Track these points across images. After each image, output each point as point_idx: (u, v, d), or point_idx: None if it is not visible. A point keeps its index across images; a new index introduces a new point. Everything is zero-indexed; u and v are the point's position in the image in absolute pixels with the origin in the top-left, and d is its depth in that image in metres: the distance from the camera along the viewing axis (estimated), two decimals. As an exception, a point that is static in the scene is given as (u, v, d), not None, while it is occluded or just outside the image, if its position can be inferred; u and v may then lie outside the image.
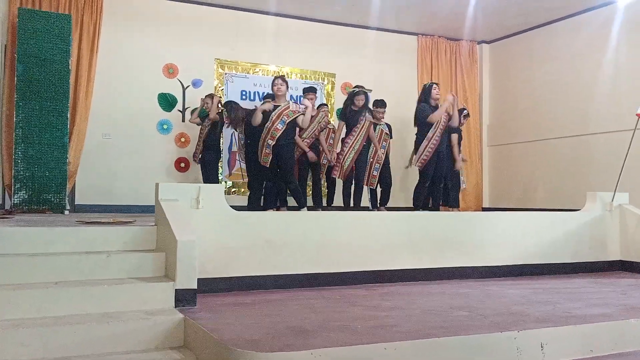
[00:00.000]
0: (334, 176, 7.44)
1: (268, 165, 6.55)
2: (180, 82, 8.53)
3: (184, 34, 8.51)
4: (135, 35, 8.27)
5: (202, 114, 7.82)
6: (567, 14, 8.86)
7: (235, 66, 8.87)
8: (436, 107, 7.10)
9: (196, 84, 8.58)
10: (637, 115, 6.11)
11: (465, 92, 10.18)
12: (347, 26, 9.49)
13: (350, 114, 7.25)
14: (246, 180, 7.64)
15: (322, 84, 9.37)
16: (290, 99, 6.86)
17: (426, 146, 6.96)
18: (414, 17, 9.27)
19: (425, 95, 7.23)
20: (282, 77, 6.88)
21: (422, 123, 7.07)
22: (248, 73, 8.93)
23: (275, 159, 6.53)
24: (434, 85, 7.27)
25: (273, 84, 6.73)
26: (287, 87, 6.79)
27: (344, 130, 7.37)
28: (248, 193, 7.43)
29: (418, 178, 7.22)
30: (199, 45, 8.59)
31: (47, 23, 7.03)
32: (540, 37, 9.46)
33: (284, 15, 9.02)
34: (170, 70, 8.48)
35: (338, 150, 7.44)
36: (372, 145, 7.43)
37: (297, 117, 6.57)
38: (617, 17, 8.17)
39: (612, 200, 6.20)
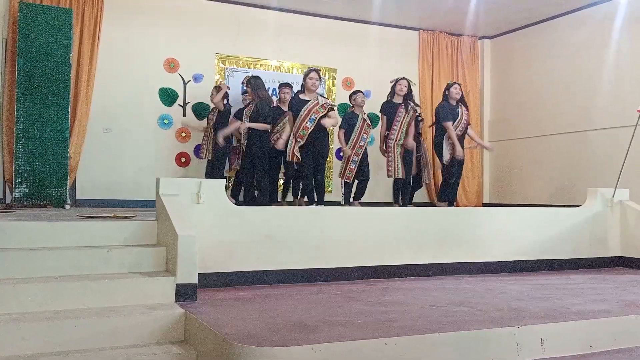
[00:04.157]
0: (389, 176, 7.28)
1: (294, 162, 6.61)
2: (181, 76, 8.52)
3: (185, 28, 8.50)
4: (136, 30, 8.25)
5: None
6: (569, 9, 8.83)
7: (236, 61, 8.86)
8: (456, 106, 7.23)
9: (197, 78, 8.58)
10: (638, 111, 6.09)
11: (466, 88, 10.16)
12: (348, 21, 9.47)
13: (389, 106, 7.18)
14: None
15: (324, 79, 9.36)
16: (321, 95, 6.86)
17: (447, 145, 7.20)
18: (416, 12, 9.25)
19: (445, 94, 7.44)
20: (318, 71, 6.75)
21: (439, 123, 7.30)
22: (249, 68, 8.91)
23: (310, 150, 6.60)
24: (455, 85, 7.35)
25: (308, 77, 6.61)
26: (320, 81, 6.73)
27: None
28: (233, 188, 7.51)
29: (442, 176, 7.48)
30: (200, 40, 8.58)
31: (48, 17, 7.02)
32: (541, 33, 9.43)
33: (285, 9, 9.00)
34: (171, 65, 8.47)
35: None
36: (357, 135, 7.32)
37: (325, 113, 6.58)
38: (619, 12, 8.13)
39: (613, 196, 6.20)
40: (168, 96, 8.45)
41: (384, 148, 7.38)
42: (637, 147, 6.53)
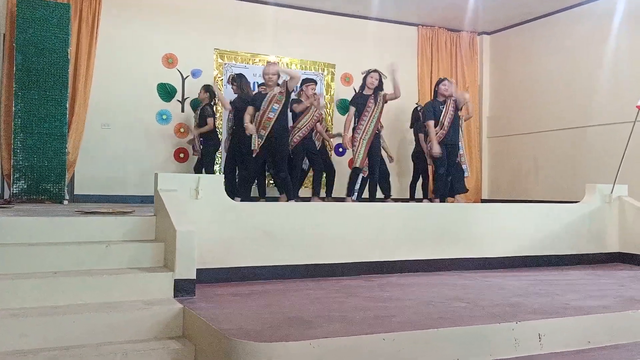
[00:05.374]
0: (357, 167, 7.02)
1: (259, 153, 6.51)
2: (180, 72, 8.50)
3: (184, 24, 8.48)
4: (135, 25, 8.23)
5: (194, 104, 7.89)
6: (568, 5, 8.82)
7: (234, 56, 8.84)
8: (442, 103, 7.15)
9: (195, 74, 8.56)
10: (637, 107, 6.09)
11: (465, 84, 10.16)
12: (347, 16, 9.45)
13: (360, 99, 7.04)
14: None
15: (322, 74, 9.34)
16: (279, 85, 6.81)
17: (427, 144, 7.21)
18: (415, 8, 9.24)
19: (435, 90, 7.38)
20: (275, 66, 6.72)
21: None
22: (247, 63, 8.90)
23: (268, 148, 6.50)
24: (444, 81, 7.29)
25: (264, 73, 6.57)
26: (279, 76, 6.64)
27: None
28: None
29: (433, 169, 7.44)
30: (199, 36, 8.56)
31: (46, 12, 7.00)
32: (541, 29, 9.42)
33: (284, 5, 8.98)
34: (170, 60, 8.45)
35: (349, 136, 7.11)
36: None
37: (285, 96, 6.48)
38: (617, 8, 8.12)
39: (611, 192, 6.20)
40: (166, 92, 8.43)
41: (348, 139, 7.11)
42: (635, 143, 6.53)
